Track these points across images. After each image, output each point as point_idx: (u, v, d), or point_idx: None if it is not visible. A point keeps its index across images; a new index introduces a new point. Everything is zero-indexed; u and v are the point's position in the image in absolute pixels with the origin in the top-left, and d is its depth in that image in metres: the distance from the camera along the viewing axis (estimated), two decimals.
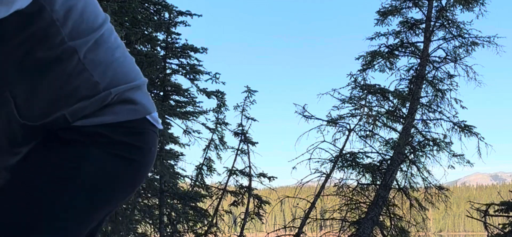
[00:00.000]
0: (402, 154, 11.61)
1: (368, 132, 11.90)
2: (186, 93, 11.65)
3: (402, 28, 12.55)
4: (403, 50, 12.59)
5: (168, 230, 11.35)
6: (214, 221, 11.96)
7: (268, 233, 12.16)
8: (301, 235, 11.43)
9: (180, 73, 11.60)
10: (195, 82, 11.59)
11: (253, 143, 12.47)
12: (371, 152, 11.87)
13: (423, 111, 12.16)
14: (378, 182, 11.51)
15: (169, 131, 11.45)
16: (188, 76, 11.59)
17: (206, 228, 11.76)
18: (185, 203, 11.56)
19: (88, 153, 1.23)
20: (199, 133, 11.94)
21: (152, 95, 10.99)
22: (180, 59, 11.59)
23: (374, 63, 12.45)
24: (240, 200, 12.35)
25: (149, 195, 11.48)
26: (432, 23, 12.30)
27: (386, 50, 12.53)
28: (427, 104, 12.18)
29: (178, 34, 11.36)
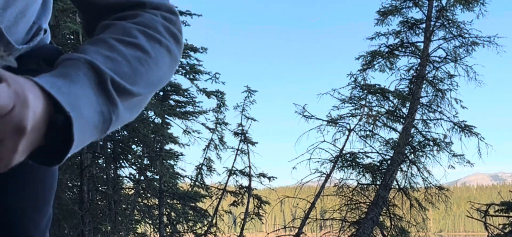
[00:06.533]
0: (402, 154, 11.59)
1: (368, 132, 11.90)
2: (185, 93, 11.64)
3: (402, 28, 12.54)
4: (403, 50, 12.58)
5: (168, 230, 11.35)
6: (214, 221, 11.95)
7: (268, 233, 12.14)
8: (301, 235, 11.41)
9: (180, 73, 11.58)
10: (195, 82, 11.57)
11: (253, 143, 12.47)
12: (371, 152, 11.88)
13: (423, 111, 12.16)
14: (378, 182, 11.50)
15: (169, 131, 11.44)
16: (187, 76, 11.58)
17: (205, 228, 11.75)
18: (184, 203, 11.56)
19: None
20: (198, 133, 11.94)
21: None
22: (179, 59, 11.55)
23: (374, 63, 12.46)
24: (240, 200, 12.34)
25: (149, 195, 11.47)
26: (432, 23, 12.29)
27: (386, 50, 12.53)
28: (427, 104, 12.18)
29: None
